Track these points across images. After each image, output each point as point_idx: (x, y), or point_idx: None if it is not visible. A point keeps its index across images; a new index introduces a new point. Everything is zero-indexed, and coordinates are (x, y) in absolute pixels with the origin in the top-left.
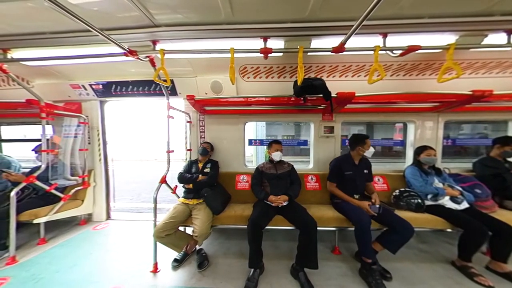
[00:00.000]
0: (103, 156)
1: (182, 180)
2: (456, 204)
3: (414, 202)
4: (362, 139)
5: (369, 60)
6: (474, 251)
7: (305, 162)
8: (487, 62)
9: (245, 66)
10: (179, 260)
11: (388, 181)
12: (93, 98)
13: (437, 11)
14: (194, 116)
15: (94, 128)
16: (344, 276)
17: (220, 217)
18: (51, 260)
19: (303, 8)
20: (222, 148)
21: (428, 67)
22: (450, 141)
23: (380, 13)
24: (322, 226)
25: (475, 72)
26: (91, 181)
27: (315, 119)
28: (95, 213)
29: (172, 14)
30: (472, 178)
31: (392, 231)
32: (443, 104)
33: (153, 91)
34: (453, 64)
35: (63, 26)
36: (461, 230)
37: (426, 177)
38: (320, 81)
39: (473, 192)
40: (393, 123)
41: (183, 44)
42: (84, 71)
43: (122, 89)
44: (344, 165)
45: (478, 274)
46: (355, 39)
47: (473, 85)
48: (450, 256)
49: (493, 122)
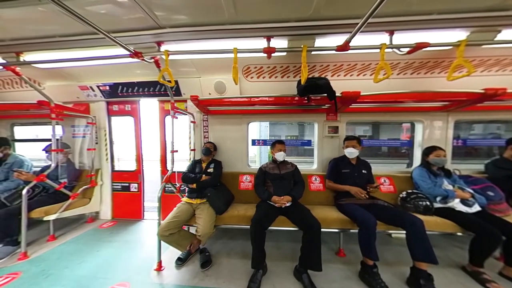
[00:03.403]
0: (110, 156)
1: (186, 179)
2: (467, 207)
3: (422, 205)
4: (344, 139)
5: (375, 58)
6: (486, 256)
7: (309, 163)
8: (501, 59)
9: (249, 66)
10: (183, 259)
11: (395, 182)
12: (101, 99)
13: (447, 7)
14: (198, 116)
15: (101, 128)
16: (349, 279)
17: (223, 217)
18: (60, 256)
19: (307, 7)
20: (225, 148)
21: (437, 65)
22: (460, 141)
23: (386, 10)
24: (326, 228)
25: (488, 70)
26: (98, 180)
27: (319, 119)
28: (102, 211)
29: (176, 15)
30: (484, 180)
31: (408, 235)
32: (453, 103)
33: (158, 91)
34: (464, 61)
35: (72, 29)
36: (473, 234)
37: (435, 179)
38: (324, 81)
39: (485, 195)
40: (400, 123)
41: (187, 45)
42: (92, 73)
43: (128, 90)
44: (341, 164)
45: (491, 281)
46: (360, 37)
47: (485, 83)
48: (461, 261)
49: (506, 121)
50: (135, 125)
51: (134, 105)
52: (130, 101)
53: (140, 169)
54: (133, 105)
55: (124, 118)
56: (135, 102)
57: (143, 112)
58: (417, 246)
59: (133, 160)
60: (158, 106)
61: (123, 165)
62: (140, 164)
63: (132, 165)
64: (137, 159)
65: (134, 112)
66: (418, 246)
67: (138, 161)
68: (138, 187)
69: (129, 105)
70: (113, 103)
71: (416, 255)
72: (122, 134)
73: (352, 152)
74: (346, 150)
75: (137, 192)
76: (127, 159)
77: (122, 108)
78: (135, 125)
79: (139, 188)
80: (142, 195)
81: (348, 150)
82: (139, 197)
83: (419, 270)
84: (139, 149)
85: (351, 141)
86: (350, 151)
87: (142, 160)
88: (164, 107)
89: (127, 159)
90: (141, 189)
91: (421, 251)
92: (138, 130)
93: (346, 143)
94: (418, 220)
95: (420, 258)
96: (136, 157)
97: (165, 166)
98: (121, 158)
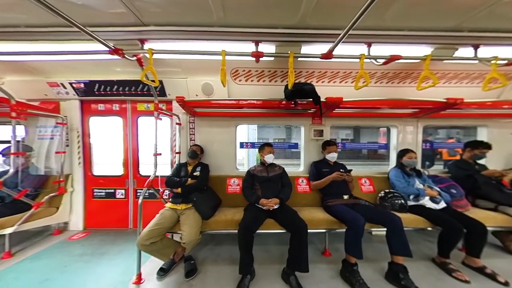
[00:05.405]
0: (83, 160)
1: (170, 184)
2: (435, 204)
3: (398, 203)
4: (325, 144)
5: (355, 67)
6: (451, 248)
7: (296, 165)
8: (458, 73)
9: (237, 69)
10: (166, 269)
11: (374, 183)
12: (74, 97)
13: (415, 25)
14: (184, 118)
15: (74, 129)
16: (335, 278)
17: (210, 222)
18: (18, 276)
19: (293, 15)
20: (212, 151)
21: (408, 76)
22: (428, 144)
23: (365, 24)
24: (313, 228)
25: (449, 82)
26: (67, 187)
27: (306, 123)
28: (72, 221)
29: (161, 13)
30: (448, 179)
31: (388, 232)
32: (422, 110)
33: (140, 91)
34: (429, 73)
35: (40, 20)
36: (440, 229)
37: (408, 179)
38: (310, 86)
39: (449, 192)
40: (377, 128)
41: (173, 44)
42: (64, 69)
43: (106, 88)
44: (320, 165)
45: (456, 270)
46: (342, 47)
47: (447, 94)
48: (431, 254)
49: (464, 127)
50: (124, 126)
51: (123, 104)
52: (117, 100)
53: (127, 174)
54: (122, 104)
55: (110, 118)
56: (125, 102)
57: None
58: (395, 241)
59: (120, 164)
60: (128, 107)
61: (108, 169)
62: (127, 169)
63: (118, 169)
64: (124, 163)
65: (123, 112)
66: (396, 241)
67: (126, 165)
68: (125, 193)
69: (117, 104)
70: (96, 102)
71: (395, 250)
72: (109, 136)
73: (334, 156)
74: (329, 155)
75: (124, 199)
76: (113, 163)
77: (109, 108)
78: (124, 126)
79: (126, 194)
80: (129, 202)
81: (330, 155)
82: (126, 205)
83: (397, 264)
84: (127, 152)
85: (333, 146)
86: (332, 156)
87: (137, 164)
88: (137, 107)
89: (113, 163)
90: (129, 196)
91: (399, 246)
92: (128, 132)
93: (328, 148)
94: (397, 218)
95: (398, 253)
96: (123, 161)
97: (128, 169)
98: (104, 162)
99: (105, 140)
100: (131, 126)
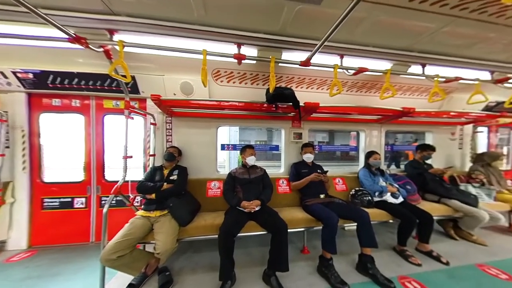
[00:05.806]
0: (29, 164)
1: (143, 189)
2: (395, 199)
3: (366, 199)
4: (303, 146)
5: (330, 76)
6: (407, 237)
7: (276, 167)
8: (411, 86)
9: (219, 69)
10: (136, 284)
11: (346, 182)
12: (17, 90)
13: (378, 42)
14: (160, 117)
15: (17, 128)
16: (313, 274)
17: (187, 228)
18: None
19: (275, 22)
20: (191, 153)
21: (373, 86)
22: (389, 147)
23: (338, 37)
24: (293, 228)
25: (404, 94)
26: (6, 197)
27: (286, 126)
28: (12, 239)
29: (134, 3)
30: (404, 177)
31: (358, 226)
32: (384, 117)
33: (108, 87)
34: (389, 85)
35: None
36: (399, 221)
37: (374, 177)
38: (290, 91)
39: (405, 189)
40: (349, 131)
41: (149, 38)
42: (4, 54)
43: (64, 81)
44: (299, 166)
45: (411, 255)
46: (319, 56)
47: (404, 103)
48: (392, 243)
49: (416, 132)
50: (87, 125)
51: (86, 100)
52: (78, 95)
53: (90, 179)
54: (85, 100)
55: (68, 116)
56: (88, 98)
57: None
58: (364, 234)
59: (80, 169)
60: (92, 103)
61: (64, 175)
62: (90, 174)
63: (78, 175)
64: (86, 167)
65: (86, 109)
66: (365, 234)
67: (88, 170)
68: (86, 202)
69: (77, 100)
70: (49, 96)
71: (364, 243)
72: (66, 136)
73: (309, 157)
74: (305, 155)
75: (85, 209)
76: (71, 168)
77: (66, 104)
78: (87, 125)
79: (88, 203)
80: (92, 212)
81: (306, 155)
82: (88, 215)
83: (365, 256)
84: (90, 154)
85: (309, 147)
86: (308, 156)
87: (102, 168)
88: (103, 104)
89: (71, 168)
90: (91, 205)
91: (367, 238)
92: (91, 131)
93: (304, 149)
94: (365, 213)
95: (367, 244)
96: (85, 165)
97: (91, 174)
98: (58, 167)
99: (60, 141)
100: (95, 125)
